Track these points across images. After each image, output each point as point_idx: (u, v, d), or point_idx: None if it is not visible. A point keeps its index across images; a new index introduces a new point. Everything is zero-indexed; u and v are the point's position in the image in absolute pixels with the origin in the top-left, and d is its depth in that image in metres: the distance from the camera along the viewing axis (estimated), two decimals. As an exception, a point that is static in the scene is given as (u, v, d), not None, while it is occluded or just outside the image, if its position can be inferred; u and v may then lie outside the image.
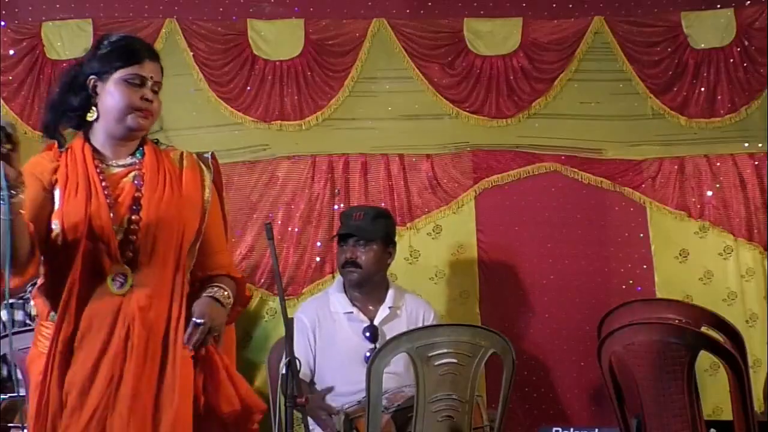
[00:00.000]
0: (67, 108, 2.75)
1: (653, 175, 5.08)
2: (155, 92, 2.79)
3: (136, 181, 2.70)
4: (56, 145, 2.72)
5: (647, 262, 5.04)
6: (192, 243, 2.74)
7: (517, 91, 5.09)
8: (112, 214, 2.62)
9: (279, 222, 4.90)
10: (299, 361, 3.23)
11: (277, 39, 5.02)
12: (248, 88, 4.97)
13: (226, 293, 2.74)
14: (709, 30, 5.13)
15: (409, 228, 4.95)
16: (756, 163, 5.09)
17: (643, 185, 5.08)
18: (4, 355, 3.68)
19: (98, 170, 2.69)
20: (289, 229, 4.93)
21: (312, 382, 4.24)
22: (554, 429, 4.41)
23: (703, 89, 5.12)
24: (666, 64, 5.13)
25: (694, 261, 5.05)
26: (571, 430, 4.42)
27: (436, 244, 4.99)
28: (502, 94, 5.07)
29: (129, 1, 4.96)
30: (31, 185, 2.58)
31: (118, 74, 2.73)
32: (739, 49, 5.12)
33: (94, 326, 2.59)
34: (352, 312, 4.26)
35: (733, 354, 3.80)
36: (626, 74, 5.12)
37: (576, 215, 5.05)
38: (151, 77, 2.77)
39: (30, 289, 4.15)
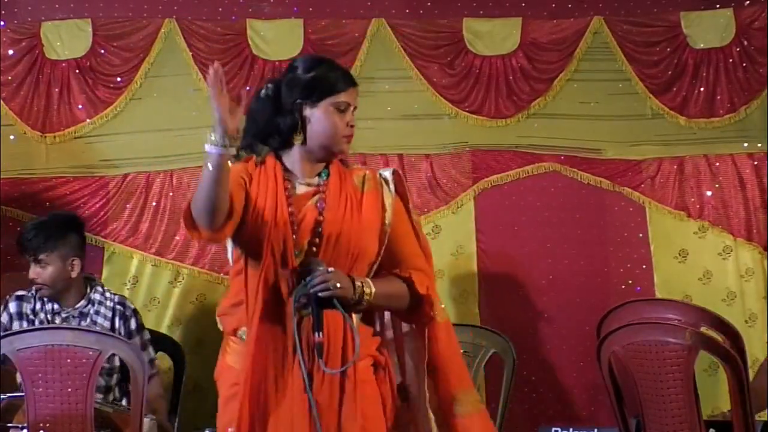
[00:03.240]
0: (274, 130, 2.81)
1: (652, 175, 5.09)
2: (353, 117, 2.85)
3: (318, 204, 2.76)
4: (253, 158, 2.81)
5: (646, 262, 5.04)
6: (371, 265, 2.80)
7: (516, 91, 5.09)
8: (294, 237, 2.71)
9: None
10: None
11: (277, 39, 5.02)
12: (247, 87, 4.96)
13: (365, 284, 2.72)
14: (708, 30, 5.13)
15: (408, 228, 4.95)
16: (755, 163, 5.10)
17: (643, 185, 5.08)
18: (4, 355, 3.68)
19: (286, 193, 2.76)
20: (289, 229, 4.93)
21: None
22: (554, 429, 4.42)
23: (702, 89, 5.12)
24: (665, 64, 5.13)
25: (693, 261, 5.06)
26: (571, 430, 4.43)
27: (435, 245, 4.97)
28: (502, 94, 5.07)
29: (128, 1, 4.96)
30: (241, 171, 2.73)
31: (328, 101, 2.79)
32: (738, 49, 5.11)
33: (273, 349, 2.68)
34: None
35: (733, 354, 3.79)
36: (625, 74, 5.12)
37: (575, 215, 5.06)
38: (354, 106, 2.85)
39: (33, 291, 4.17)
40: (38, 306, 4.13)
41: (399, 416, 2.81)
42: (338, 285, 2.64)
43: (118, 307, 4.18)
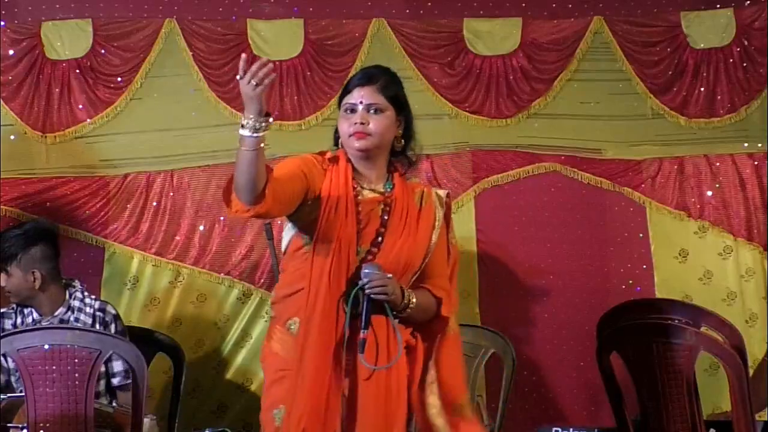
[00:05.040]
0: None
1: (653, 175, 5.09)
2: (373, 112, 3.02)
3: (383, 216, 2.99)
4: (327, 155, 3.07)
5: (647, 262, 5.04)
6: (413, 275, 3.03)
7: (516, 91, 5.09)
8: (357, 240, 2.94)
9: (279, 222, 4.89)
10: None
11: (277, 39, 5.02)
12: (248, 88, 4.96)
13: (411, 295, 2.98)
14: (708, 30, 5.13)
15: (408, 228, 4.95)
16: (756, 163, 5.10)
17: (643, 185, 5.08)
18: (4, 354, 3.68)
19: (355, 193, 2.99)
20: (289, 229, 4.93)
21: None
22: (554, 429, 4.42)
23: (702, 89, 5.12)
24: (666, 64, 5.13)
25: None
26: (571, 430, 4.42)
27: (435, 245, 4.98)
28: (502, 94, 5.07)
29: (129, 1, 4.95)
30: (307, 164, 2.99)
31: (342, 106, 3.07)
32: (738, 49, 5.12)
33: (321, 337, 2.89)
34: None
35: (733, 354, 3.80)
36: (626, 74, 5.12)
37: (576, 215, 5.06)
38: (361, 102, 3.01)
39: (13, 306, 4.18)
40: (19, 320, 4.18)
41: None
42: (393, 291, 2.89)
43: (98, 313, 4.18)
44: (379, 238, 2.97)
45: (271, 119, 2.76)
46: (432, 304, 3.05)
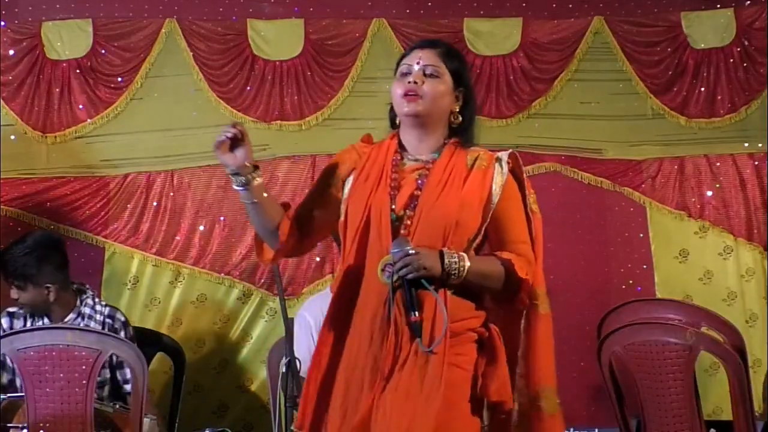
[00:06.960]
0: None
1: (653, 175, 5.09)
2: (428, 75, 2.80)
3: (419, 180, 2.77)
4: (372, 137, 2.97)
5: (647, 262, 5.04)
6: (470, 240, 2.72)
7: (517, 91, 5.09)
8: (393, 206, 2.73)
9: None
10: (299, 360, 3.24)
11: (277, 39, 5.02)
12: (248, 88, 4.97)
13: (458, 259, 2.66)
14: (709, 30, 5.13)
15: (409, 228, 4.94)
16: (756, 163, 5.10)
17: (643, 185, 5.08)
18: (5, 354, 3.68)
19: (393, 162, 2.81)
20: (289, 229, 4.93)
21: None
22: (555, 429, 4.41)
23: (703, 89, 5.12)
24: (666, 64, 5.13)
25: (693, 261, 5.06)
26: (571, 430, 4.42)
27: (436, 244, 4.98)
28: (502, 94, 5.07)
29: (129, 1, 4.96)
30: (338, 159, 2.88)
31: (398, 70, 2.86)
32: (739, 49, 5.12)
33: (360, 315, 2.70)
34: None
35: (733, 354, 3.80)
36: (626, 74, 5.12)
37: (576, 215, 5.06)
38: (418, 62, 2.81)
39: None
40: (29, 323, 4.16)
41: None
42: (422, 266, 2.60)
43: (107, 320, 4.17)
44: (414, 202, 2.71)
45: (254, 174, 2.74)
46: (499, 269, 2.71)
